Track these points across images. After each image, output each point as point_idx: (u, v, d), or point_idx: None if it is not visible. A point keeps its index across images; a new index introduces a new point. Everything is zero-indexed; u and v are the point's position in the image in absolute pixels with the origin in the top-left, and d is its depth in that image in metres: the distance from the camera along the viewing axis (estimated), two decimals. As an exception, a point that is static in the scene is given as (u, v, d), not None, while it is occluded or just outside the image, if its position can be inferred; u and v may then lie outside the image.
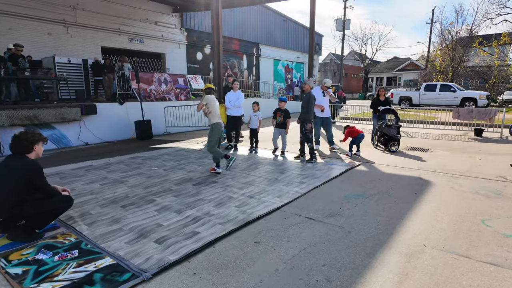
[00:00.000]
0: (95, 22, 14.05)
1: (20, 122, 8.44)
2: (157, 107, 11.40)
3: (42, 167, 3.27)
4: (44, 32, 12.76)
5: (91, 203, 4.23)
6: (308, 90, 6.61)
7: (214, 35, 10.07)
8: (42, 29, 12.69)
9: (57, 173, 5.67)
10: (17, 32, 12.00)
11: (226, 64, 19.64)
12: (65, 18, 13.25)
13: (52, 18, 12.84)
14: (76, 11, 13.51)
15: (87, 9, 13.76)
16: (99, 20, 14.18)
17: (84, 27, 13.76)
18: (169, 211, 3.97)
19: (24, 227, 3.18)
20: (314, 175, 5.62)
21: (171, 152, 7.67)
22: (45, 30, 12.78)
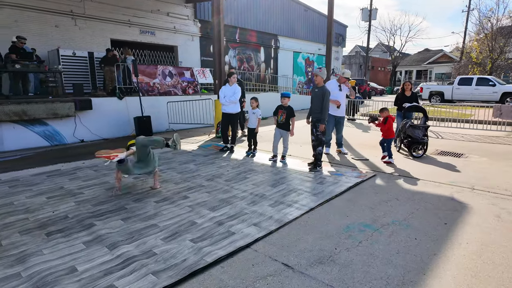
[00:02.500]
0: (104, 14, 13.31)
1: (7, 118, 7.76)
2: (159, 102, 10.46)
3: None
4: (51, 25, 12.14)
5: (15, 226, 3.26)
6: (321, 83, 5.31)
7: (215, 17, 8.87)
8: (49, 21, 12.08)
9: (12, 180, 4.80)
10: (23, 25, 11.44)
11: (242, 57, 18.45)
12: (72, 10, 12.57)
13: (60, 9, 12.19)
14: (84, 2, 12.80)
15: (96, 0, 13.03)
16: (109, 11, 13.42)
17: (93, 19, 13.05)
18: (101, 244, 2.90)
19: None
20: (314, 189, 4.38)
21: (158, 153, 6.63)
22: (52, 22, 12.16)
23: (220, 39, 8.68)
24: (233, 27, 17.81)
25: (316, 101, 5.30)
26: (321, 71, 5.27)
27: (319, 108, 5.23)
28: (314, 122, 5.36)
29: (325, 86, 5.34)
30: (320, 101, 5.22)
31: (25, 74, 9.04)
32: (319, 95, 5.23)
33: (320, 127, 5.25)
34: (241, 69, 18.35)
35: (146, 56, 15.05)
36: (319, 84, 5.31)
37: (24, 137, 8.24)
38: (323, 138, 5.36)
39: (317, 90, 5.31)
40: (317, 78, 5.27)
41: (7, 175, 5.03)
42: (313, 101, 5.38)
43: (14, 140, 8.09)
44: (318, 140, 5.33)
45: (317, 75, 5.25)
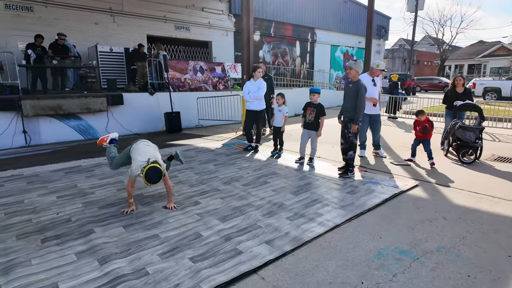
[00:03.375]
0: (141, 10, 13.40)
1: (44, 112, 7.94)
2: (190, 98, 10.25)
3: None
4: (91, 22, 12.43)
5: (15, 228, 3.06)
6: (356, 77, 4.63)
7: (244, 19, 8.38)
8: (89, 19, 12.36)
9: (33, 175, 4.74)
10: (64, 22, 11.80)
11: (277, 51, 17.82)
12: (111, 7, 12.77)
13: (99, 7, 12.44)
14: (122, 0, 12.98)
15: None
16: (145, 8, 13.50)
17: (130, 16, 13.20)
18: (93, 256, 2.58)
19: None
20: (342, 200, 3.77)
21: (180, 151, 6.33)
22: (92, 19, 12.44)
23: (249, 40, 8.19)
24: (268, 21, 17.23)
25: (349, 98, 4.64)
26: (356, 63, 4.57)
27: (352, 106, 4.57)
28: (346, 122, 4.69)
29: (360, 80, 4.64)
30: (353, 98, 4.54)
31: (62, 70, 9.24)
32: (352, 91, 4.56)
33: (352, 128, 4.59)
34: (275, 64, 17.76)
35: (180, 52, 15.00)
36: (354, 78, 4.63)
37: (60, 130, 8.41)
38: (355, 140, 4.68)
39: (351, 85, 4.63)
40: (351, 72, 4.59)
41: (30, 170, 4.99)
42: (346, 98, 4.72)
43: (51, 134, 8.29)
44: (349, 143, 4.67)
45: (351, 68, 4.57)
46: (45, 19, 11.40)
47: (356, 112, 4.54)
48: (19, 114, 7.68)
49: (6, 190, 4.09)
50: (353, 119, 4.58)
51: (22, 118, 7.73)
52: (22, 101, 7.57)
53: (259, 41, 17.06)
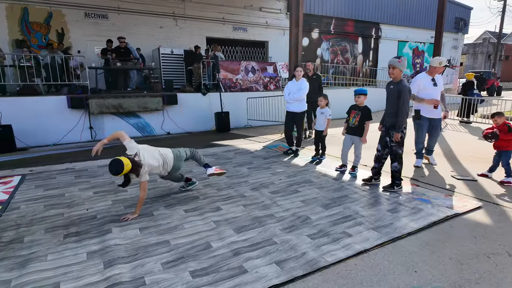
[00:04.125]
0: (201, 13, 13.87)
1: (107, 110, 8.64)
2: (240, 98, 10.25)
3: None
4: (156, 26, 13.24)
5: (47, 221, 3.26)
6: (399, 77, 4.01)
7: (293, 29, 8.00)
8: (155, 23, 13.18)
9: (82, 169, 5.11)
10: (135, 28, 12.79)
11: (336, 49, 16.94)
12: (174, 11, 13.45)
13: (164, 12, 13.18)
14: (184, 3, 13.55)
15: (195, 0, 13.64)
16: (205, 10, 13.93)
17: (191, 19, 13.74)
18: (101, 258, 2.57)
19: None
20: (379, 220, 3.25)
21: (220, 152, 6.30)
22: (158, 23, 13.24)
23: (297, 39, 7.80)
24: (328, 17, 16.48)
25: (390, 101, 4.02)
26: (400, 61, 3.92)
27: (394, 111, 3.95)
28: (388, 129, 4.09)
29: (403, 81, 3.99)
30: (395, 101, 3.93)
31: (125, 71, 9.95)
32: (394, 93, 3.94)
33: (394, 137, 3.96)
34: (335, 62, 16.91)
35: (237, 53, 15.15)
36: (396, 78, 3.99)
37: (121, 127, 9.05)
38: (399, 150, 4.05)
39: (392, 86, 4.01)
40: (394, 71, 3.94)
41: (82, 164, 5.40)
42: (387, 101, 4.11)
43: (113, 130, 8.79)
44: (393, 153, 4.05)
45: (394, 66, 3.92)
46: (118, 25, 12.45)
47: (398, 118, 3.91)
48: (86, 111, 8.46)
49: (55, 182, 4.45)
50: (394, 126, 3.97)
51: (89, 115, 8.50)
52: (89, 100, 8.32)
53: (317, 39, 16.43)
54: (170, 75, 11.93)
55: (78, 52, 11.75)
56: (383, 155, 4.24)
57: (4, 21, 10.73)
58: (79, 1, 11.56)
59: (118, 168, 3.10)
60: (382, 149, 4.22)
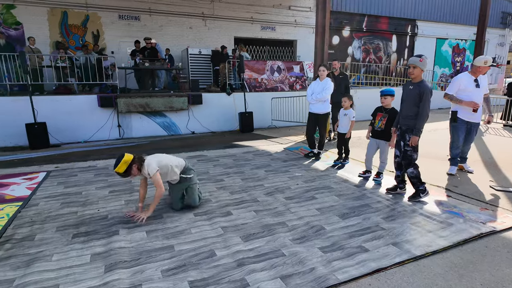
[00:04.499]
0: (229, 13, 13.87)
1: (135, 109, 8.84)
2: (265, 98, 10.09)
3: None
4: (186, 26, 13.42)
5: (59, 220, 3.29)
6: (419, 77, 3.63)
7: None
8: (185, 24, 13.36)
9: (103, 167, 5.19)
10: (165, 29, 13.05)
11: (368, 47, 16.23)
12: (203, 12, 13.55)
13: (193, 12, 13.33)
14: (213, 4, 13.61)
15: (224, 0, 13.65)
16: (234, 10, 13.91)
17: (220, 19, 13.78)
18: (103, 262, 2.52)
19: None
20: (401, 234, 2.95)
21: (239, 153, 6.16)
22: (187, 24, 13.42)
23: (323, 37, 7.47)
24: (360, 15, 15.84)
25: (408, 103, 3.69)
26: (421, 60, 3.55)
27: (412, 113, 3.61)
28: (403, 132, 3.74)
29: (424, 81, 3.64)
30: (414, 102, 3.60)
31: (152, 71, 10.14)
32: (414, 95, 3.60)
33: (411, 140, 3.62)
34: (367, 60, 16.22)
35: (265, 52, 15.00)
36: (416, 78, 3.63)
37: (148, 126, 9.25)
38: (414, 155, 3.70)
39: (412, 87, 3.65)
40: (415, 71, 3.58)
41: (103, 163, 5.50)
42: (404, 102, 3.77)
43: (140, 128, 9.19)
44: (408, 159, 3.71)
45: (415, 65, 3.56)
46: (149, 26, 12.76)
47: (417, 121, 3.58)
48: (115, 110, 8.70)
49: (76, 180, 4.55)
50: (412, 129, 3.62)
51: (117, 114, 8.74)
52: (118, 99, 8.54)
53: (348, 37, 15.85)
54: (197, 75, 12.04)
55: (111, 53, 12.19)
56: (403, 161, 3.90)
57: (46, 24, 11.36)
58: (114, 3, 11.98)
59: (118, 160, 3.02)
60: (401, 154, 3.88)
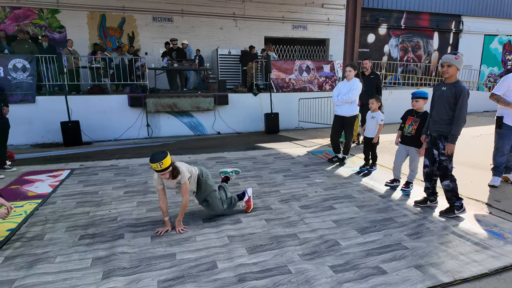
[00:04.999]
0: (260, 13, 13.73)
1: (163, 109, 8.98)
2: (291, 99, 9.80)
3: None
4: (217, 27, 13.48)
5: (71, 220, 3.31)
6: (454, 77, 3.18)
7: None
8: (216, 24, 13.43)
9: (124, 167, 5.24)
10: (197, 30, 13.21)
11: (407, 46, 15.28)
12: (234, 12, 13.53)
13: (224, 13, 13.36)
14: (244, 4, 13.54)
15: (255, 0, 13.53)
16: (265, 10, 13.75)
17: (251, 19, 13.69)
18: (103, 267, 2.45)
19: None
20: (427, 255, 2.59)
21: (260, 156, 5.96)
22: (218, 25, 13.47)
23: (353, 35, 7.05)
24: (398, 11, 14.97)
25: (441, 106, 3.24)
26: (457, 58, 3.11)
27: (446, 117, 3.18)
28: (435, 139, 3.31)
29: (460, 82, 3.18)
30: (449, 106, 3.16)
31: (181, 72, 10.25)
32: (447, 97, 3.16)
33: (447, 149, 3.18)
34: (405, 59, 15.30)
35: (295, 52, 14.67)
36: (450, 78, 3.18)
37: (175, 125, 9.36)
38: (450, 165, 3.25)
39: (445, 88, 3.21)
40: (450, 70, 3.13)
41: (125, 162, 5.58)
42: (436, 105, 3.32)
43: (168, 128, 9.32)
44: (443, 169, 3.27)
45: (450, 64, 3.11)
46: (181, 27, 12.98)
47: (453, 127, 3.14)
48: (144, 110, 8.89)
49: (96, 179, 4.62)
50: (445, 136, 3.19)
51: (146, 114, 8.92)
52: (147, 99, 8.72)
53: (385, 35, 15.06)
54: (226, 76, 12.02)
55: (145, 54, 12.56)
56: (433, 171, 3.48)
57: (86, 27, 11.95)
58: (148, 6, 12.33)
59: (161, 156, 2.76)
60: (431, 164, 3.47)
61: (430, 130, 3.41)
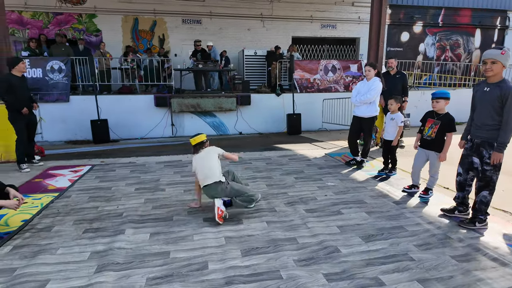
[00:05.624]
0: (288, 13, 13.60)
1: (187, 109, 9.16)
2: (316, 99, 9.56)
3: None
4: (244, 28, 13.55)
5: (80, 214, 3.43)
6: (499, 76, 2.81)
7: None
8: (243, 26, 13.50)
9: (141, 164, 5.38)
10: (224, 31, 13.37)
11: (445, 44, 14.36)
12: (262, 13, 13.51)
13: (252, 14, 13.39)
14: (272, 4, 13.48)
15: (283, 0, 13.42)
16: (293, 9, 13.60)
17: (278, 19, 13.60)
18: (98, 261, 2.50)
19: None
20: (435, 268, 2.36)
21: (275, 157, 5.85)
22: (246, 26, 13.53)
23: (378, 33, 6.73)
24: (435, 8, 14.14)
25: (484, 109, 2.88)
26: (503, 53, 2.76)
27: (491, 122, 2.83)
28: (478, 146, 2.97)
29: (507, 81, 2.82)
30: (493, 109, 2.80)
31: (205, 72, 10.39)
32: (492, 99, 2.80)
33: (493, 158, 2.81)
34: (442, 59, 14.41)
35: (323, 51, 14.35)
36: (495, 77, 2.83)
37: (198, 125, 9.50)
38: (494, 176, 2.90)
39: (489, 88, 2.86)
40: (494, 67, 2.78)
41: (144, 159, 5.73)
42: (478, 108, 2.96)
43: (191, 127, 9.49)
44: (486, 180, 2.92)
45: (495, 60, 2.76)
46: (209, 29, 13.20)
47: (501, 133, 2.76)
48: (169, 110, 9.12)
49: (112, 175, 4.78)
50: (491, 143, 2.85)
51: (171, 113, 9.15)
52: (172, 99, 8.94)
53: (420, 33, 14.28)
54: (252, 76, 12.02)
55: (175, 55, 12.93)
56: (467, 181, 3.16)
57: (120, 30, 12.53)
58: (178, 9, 12.67)
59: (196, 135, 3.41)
60: (465, 172, 3.14)
61: (471, 136, 3.06)
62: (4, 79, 4.85)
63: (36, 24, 11.59)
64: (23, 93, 4.95)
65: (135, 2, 12.17)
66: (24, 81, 5.05)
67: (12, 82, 4.80)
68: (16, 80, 4.84)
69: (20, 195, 2.99)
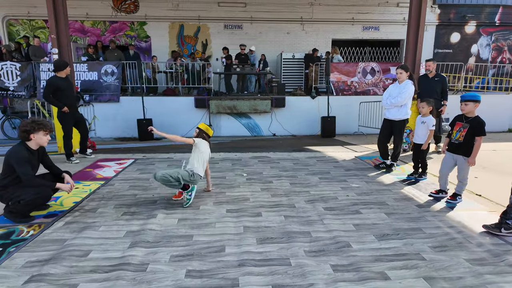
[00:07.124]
0: (329, 15, 13.57)
1: (223, 111, 9.62)
2: (352, 102, 9.48)
3: (22, 156, 3.17)
4: (283, 32, 13.78)
5: (121, 199, 3.89)
6: None
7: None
8: (283, 29, 13.74)
9: (177, 160, 5.84)
10: (264, 35, 13.72)
11: (502, 45, 13.31)
12: (302, 16, 13.64)
13: (291, 17, 13.58)
14: (313, 7, 13.56)
15: (324, 3, 13.44)
16: (334, 12, 13.55)
17: (318, 22, 13.63)
18: (132, 239, 2.89)
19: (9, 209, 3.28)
20: (447, 268, 2.38)
21: (303, 158, 5.96)
22: (285, 29, 13.76)
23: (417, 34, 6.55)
24: (491, 6, 13.19)
25: None
26: None
27: None
28: None
29: None
30: None
31: (244, 75, 10.77)
32: None
33: None
34: (498, 61, 13.38)
35: (365, 54, 14.06)
36: None
37: (234, 126, 9.92)
38: None
39: None
40: None
41: (181, 155, 6.21)
42: None
43: (228, 128, 9.93)
44: None
45: None
46: (250, 34, 13.63)
47: None
48: (207, 111, 9.64)
49: (151, 168, 5.27)
50: None
51: (209, 114, 9.66)
52: (210, 101, 9.45)
53: (473, 33, 13.43)
54: (289, 79, 12.21)
55: (216, 60, 13.55)
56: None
57: (167, 36, 13.45)
58: (221, 15, 13.27)
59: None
60: None
61: None
62: (50, 82, 5.28)
63: (95, 31, 12.89)
64: (68, 93, 5.40)
65: (182, 9, 12.98)
66: (68, 81, 5.49)
67: (58, 84, 5.27)
68: (61, 82, 5.32)
69: (72, 181, 3.50)
